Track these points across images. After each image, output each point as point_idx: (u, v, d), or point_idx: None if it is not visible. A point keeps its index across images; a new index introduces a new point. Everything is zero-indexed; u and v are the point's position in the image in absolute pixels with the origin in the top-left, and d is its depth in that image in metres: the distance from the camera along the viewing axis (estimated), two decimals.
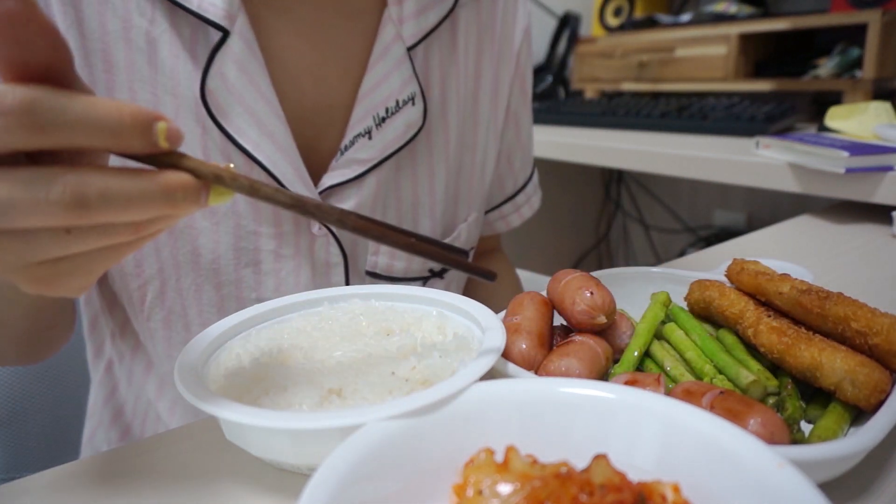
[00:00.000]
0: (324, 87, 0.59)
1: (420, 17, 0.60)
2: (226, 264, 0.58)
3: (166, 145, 0.29)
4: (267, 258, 0.58)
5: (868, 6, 1.30)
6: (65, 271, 0.30)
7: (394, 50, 0.59)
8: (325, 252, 0.60)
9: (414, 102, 0.60)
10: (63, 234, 0.28)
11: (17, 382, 0.79)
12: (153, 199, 0.29)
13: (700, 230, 1.94)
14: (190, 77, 0.53)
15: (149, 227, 0.30)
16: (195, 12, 0.51)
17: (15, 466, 0.79)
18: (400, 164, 0.63)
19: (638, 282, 0.54)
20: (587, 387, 0.33)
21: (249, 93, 0.54)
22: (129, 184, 0.28)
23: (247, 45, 0.53)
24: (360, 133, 0.58)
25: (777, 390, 0.39)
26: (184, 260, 0.57)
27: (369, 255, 0.63)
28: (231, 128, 0.54)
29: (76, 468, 0.39)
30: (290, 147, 0.56)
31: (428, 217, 0.66)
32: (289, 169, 0.56)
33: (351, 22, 0.59)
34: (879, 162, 0.84)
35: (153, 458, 0.40)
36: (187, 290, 0.58)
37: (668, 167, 1.15)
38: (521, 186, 0.80)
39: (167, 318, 0.59)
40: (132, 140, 0.28)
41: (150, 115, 0.29)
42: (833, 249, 0.77)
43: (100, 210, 0.28)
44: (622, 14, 1.79)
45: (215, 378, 0.40)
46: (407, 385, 0.37)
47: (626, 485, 0.28)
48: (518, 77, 0.73)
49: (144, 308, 0.59)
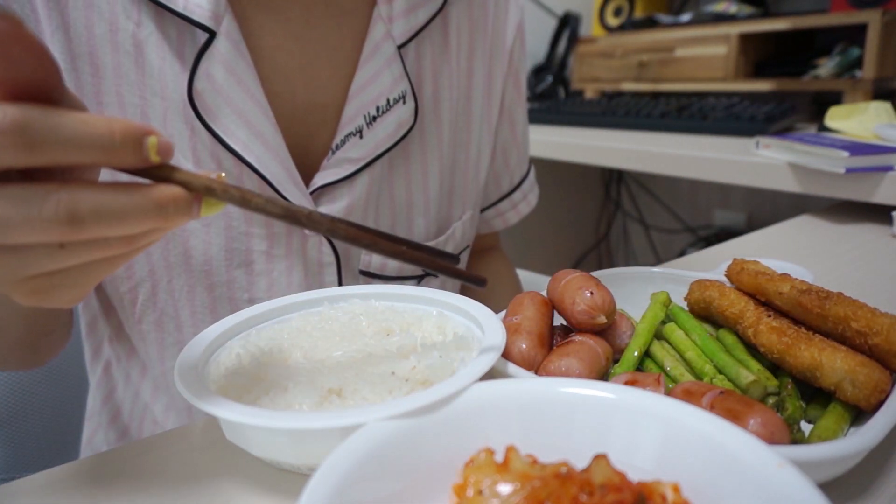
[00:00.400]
0: (314, 86, 0.59)
1: (410, 14, 0.60)
2: (217, 265, 0.57)
3: (157, 159, 0.30)
4: (259, 259, 0.58)
5: (868, 6, 1.30)
6: (59, 284, 0.30)
7: (384, 48, 0.59)
8: (317, 252, 0.60)
9: (405, 101, 0.60)
10: (57, 249, 0.29)
11: (17, 382, 0.79)
12: (146, 213, 0.29)
13: (700, 230, 1.94)
14: (177, 79, 0.53)
15: (142, 240, 0.31)
16: (181, 14, 0.51)
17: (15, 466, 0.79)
18: (393, 163, 0.62)
19: (638, 282, 0.54)
20: (587, 387, 0.33)
21: (237, 94, 0.53)
22: (122, 199, 0.29)
23: (234, 46, 0.53)
24: (352, 132, 0.58)
25: (777, 390, 0.39)
26: (175, 261, 0.57)
27: (363, 255, 0.63)
28: (220, 129, 0.54)
29: (76, 468, 0.39)
30: (280, 147, 0.56)
31: (422, 215, 0.66)
32: (279, 170, 0.56)
33: (340, 20, 0.59)
34: (879, 162, 0.84)
35: (153, 458, 0.40)
36: (179, 291, 0.58)
37: (668, 167, 1.15)
38: (518, 184, 0.80)
39: (159, 321, 0.59)
40: (124, 156, 0.29)
41: (141, 130, 0.29)
42: (833, 249, 0.77)
43: (93, 225, 0.28)
44: (622, 14, 1.79)
45: (215, 378, 0.40)
46: (407, 385, 0.37)
47: (626, 485, 0.28)
48: (512, 74, 0.73)
49: (136, 311, 0.59)
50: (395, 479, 0.30)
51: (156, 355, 0.61)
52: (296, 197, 0.57)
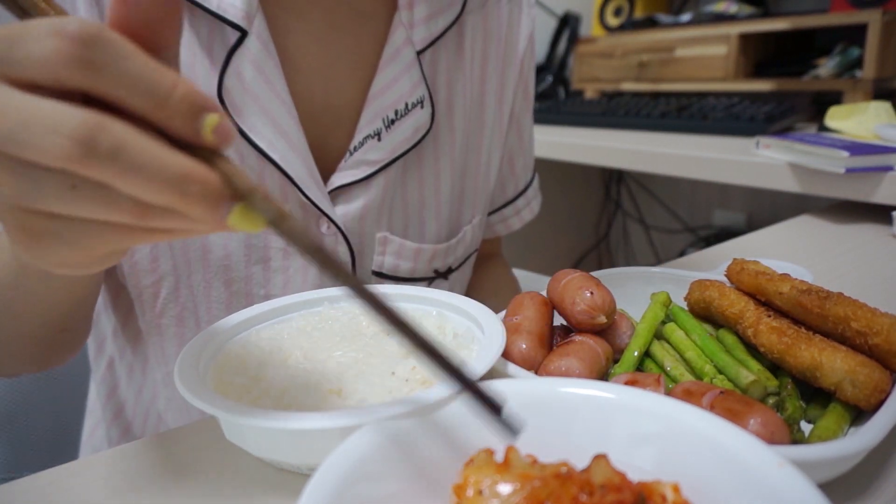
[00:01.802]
0: (334, 87, 0.60)
1: (430, 21, 0.61)
2: (237, 261, 0.58)
3: (211, 139, 0.27)
4: (276, 255, 0.59)
5: (868, 6, 1.29)
6: (55, 232, 0.28)
7: (404, 54, 0.60)
8: (332, 251, 0.61)
9: (422, 106, 0.61)
10: (67, 189, 0.27)
11: (17, 382, 0.79)
12: (164, 180, 0.26)
13: (700, 230, 1.94)
14: (207, 75, 0.54)
15: (152, 218, 0.28)
16: (214, 12, 0.52)
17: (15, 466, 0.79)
18: (407, 166, 0.63)
19: (638, 282, 0.54)
20: (587, 387, 0.33)
21: (265, 92, 0.54)
22: (147, 150, 0.26)
23: (264, 46, 0.54)
24: (370, 134, 0.59)
25: (777, 390, 0.39)
26: (194, 257, 0.58)
27: (375, 255, 0.64)
28: (246, 126, 0.55)
29: (76, 468, 0.39)
30: (303, 146, 0.57)
31: (434, 218, 0.67)
32: (302, 168, 0.57)
33: (361, 25, 0.60)
34: (879, 162, 0.84)
35: (153, 457, 0.40)
36: (197, 287, 0.59)
37: (668, 167, 1.15)
38: (522, 190, 0.80)
39: (180, 315, 0.60)
40: (174, 117, 0.27)
41: (204, 101, 0.27)
42: (833, 249, 0.77)
43: (106, 160, 0.26)
44: (622, 14, 1.79)
45: (215, 378, 0.40)
46: (407, 385, 0.37)
47: (626, 485, 0.28)
48: (522, 82, 0.74)
49: (157, 305, 0.59)
50: (395, 480, 0.30)
51: (173, 350, 0.62)
52: (316, 196, 0.58)
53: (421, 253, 0.66)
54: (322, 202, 0.58)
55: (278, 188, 0.57)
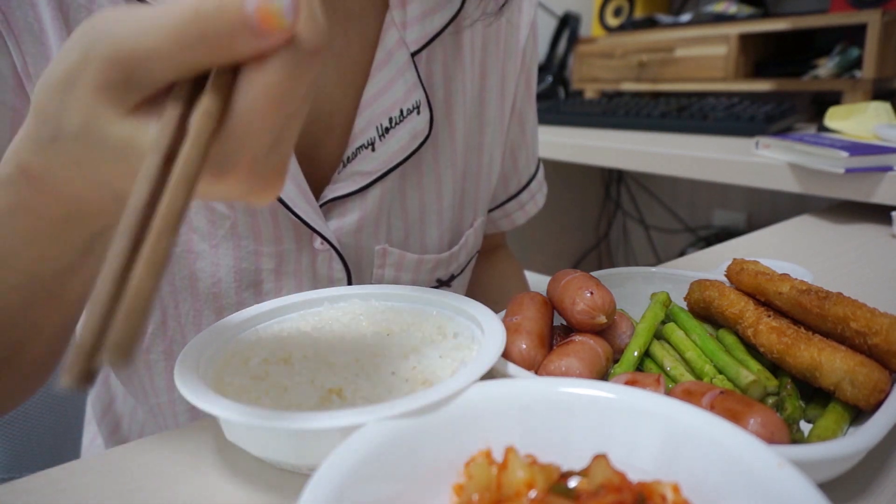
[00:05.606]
0: (323, 94, 0.56)
1: (425, 20, 0.56)
2: (227, 288, 0.55)
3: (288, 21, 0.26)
4: (268, 278, 0.56)
5: (868, 6, 1.30)
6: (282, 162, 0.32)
7: (397, 56, 0.56)
8: (327, 268, 0.58)
9: (419, 111, 0.57)
10: (275, 144, 0.30)
11: None
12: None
13: (700, 230, 1.94)
14: None
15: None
16: None
17: (15, 466, 0.79)
18: (405, 174, 0.60)
19: (638, 282, 0.54)
20: (587, 387, 0.33)
21: None
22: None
23: None
24: (363, 145, 0.56)
25: (777, 390, 0.39)
26: (181, 286, 0.54)
27: (375, 269, 0.60)
28: None
29: (76, 468, 0.39)
30: (292, 160, 0.53)
31: (435, 226, 0.63)
32: (289, 184, 0.53)
33: (346, 25, 0.56)
34: (879, 162, 0.84)
35: (153, 458, 0.40)
36: (186, 317, 0.55)
37: (668, 167, 1.15)
38: (526, 184, 0.78)
39: (168, 350, 0.57)
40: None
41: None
42: (833, 249, 0.77)
43: (305, 100, 0.30)
44: (622, 14, 1.79)
45: (215, 378, 0.40)
46: (407, 385, 0.37)
47: (626, 485, 0.28)
48: (524, 73, 0.70)
49: (144, 340, 0.56)
50: (395, 480, 0.30)
51: (164, 385, 0.59)
52: (306, 211, 0.54)
53: (423, 264, 0.63)
54: (312, 219, 0.54)
55: (266, 205, 0.54)
